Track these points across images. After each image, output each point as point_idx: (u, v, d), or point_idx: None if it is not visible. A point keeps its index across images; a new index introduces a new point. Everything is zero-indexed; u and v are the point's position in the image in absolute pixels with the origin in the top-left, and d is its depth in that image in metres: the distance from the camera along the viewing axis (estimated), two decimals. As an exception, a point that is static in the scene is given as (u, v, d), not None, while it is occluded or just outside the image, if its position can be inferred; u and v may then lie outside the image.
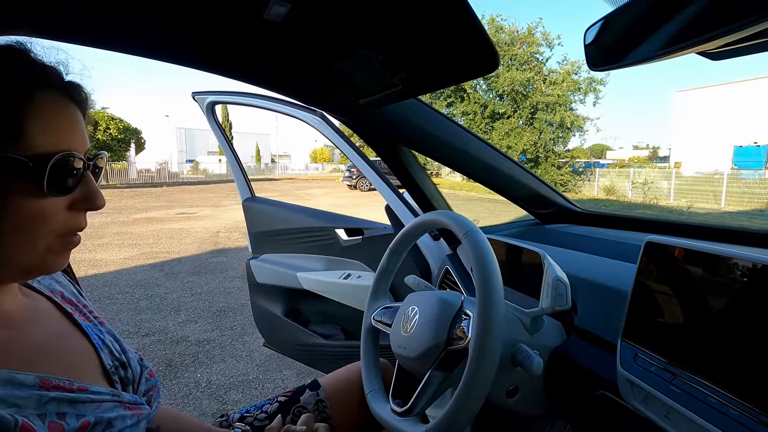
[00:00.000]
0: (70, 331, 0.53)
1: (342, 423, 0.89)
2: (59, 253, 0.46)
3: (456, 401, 0.60)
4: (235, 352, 2.62)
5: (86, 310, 0.59)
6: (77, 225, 0.47)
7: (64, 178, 0.43)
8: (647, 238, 0.63)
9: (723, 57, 0.49)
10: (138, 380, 0.57)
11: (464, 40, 0.56)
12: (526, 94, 16.65)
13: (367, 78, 0.76)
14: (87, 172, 0.47)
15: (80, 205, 0.46)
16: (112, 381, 0.53)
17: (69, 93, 0.46)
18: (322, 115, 1.46)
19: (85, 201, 0.46)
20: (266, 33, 0.67)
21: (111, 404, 0.49)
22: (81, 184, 0.46)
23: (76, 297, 0.60)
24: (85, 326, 0.55)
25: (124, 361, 0.57)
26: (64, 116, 0.45)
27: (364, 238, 1.62)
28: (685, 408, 0.52)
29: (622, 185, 16.07)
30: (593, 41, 0.53)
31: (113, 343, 0.58)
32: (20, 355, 0.44)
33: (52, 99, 0.44)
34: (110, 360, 0.55)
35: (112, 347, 0.57)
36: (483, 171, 1.18)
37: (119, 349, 0.58)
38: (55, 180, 0.42)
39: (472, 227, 0.69)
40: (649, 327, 0.61)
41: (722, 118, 20.56)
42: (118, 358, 0.56)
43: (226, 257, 5.23)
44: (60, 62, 0.47)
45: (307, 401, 0.89)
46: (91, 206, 0.47)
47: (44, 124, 0.42)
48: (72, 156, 0.44)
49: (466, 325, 0.68)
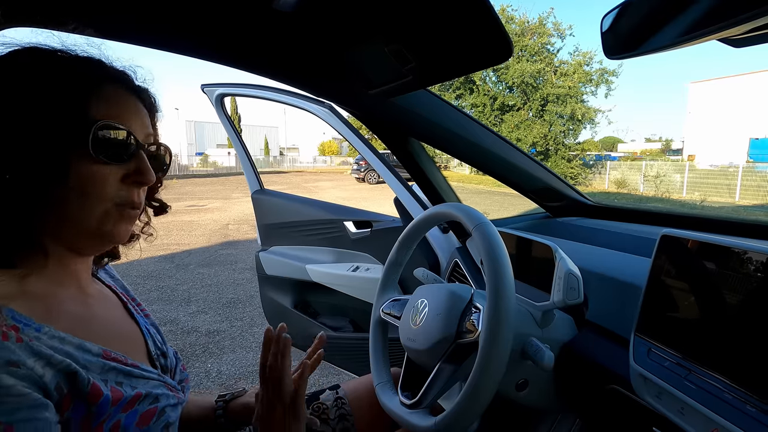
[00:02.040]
0: (125, 318, 0.60)
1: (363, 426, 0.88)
2: (116, 222, 0.51)
3: (465, 394, 0.60)
4: (244, 343, 2.65)
5: (134, 303, 0.65)
6: (130, 197, 0.51)
7: (112, 146, 0.48)
8: (663, 231, 0.62)
9: (746, 44, 0.48)
10: (174, 370, 0.63)
11: (476, 28, 0.55)
12: (537, 86, 16.43)
13: (378, 68, 0.75)
14: (141, 151, 0.52)
15: (132, 178, 0.51)
16: (155, 366, 0.59)
17: (137, 93, 0.53)
18: (331, 107, 1.46)
19: (136, 174, 0.51)
20: (276, 23, 0.67)
21: (157, 383, 0.54)
22: (134, 159, 0.51)
23: (126, 291, 0.66)
24: (136, 317, 0.62)
25: (165, 351, 0.62)
26: (128, 105, 0.51)
27: (373, 230, 1.61)
28: (699, 404, 0.51)
29: (633, 178, 15.85)
30: (610, 28, 0.52)
31: (156, 334, 0.63)
32: (89, 328, 0.50)
33: (121, 93, 0.51)
34: (154, 348, 0.60)
35: (155, 338, 0.62)
36: (493, 163, 1.17)
37: (160, 340, 0.63)
38: (101, 145, 0.47)
39: (483, 219, 0.68)
40: (663, 321, 0.60)
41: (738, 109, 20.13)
42: (160, 348, 0.62)
43: (236, 249, 5.28)
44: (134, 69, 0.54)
45: (326, 398, 0.89)
46: (142, 179, 0.51)
47: (107, 106, 0.48)
48: (119, 127, 0.49)
49: (476, 319, 0.68)
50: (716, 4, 0.39)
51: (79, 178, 0.47)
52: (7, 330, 0.40)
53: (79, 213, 0.48)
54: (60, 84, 0.46)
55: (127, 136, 0.50)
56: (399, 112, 0.97)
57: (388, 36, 0.64)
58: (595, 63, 16.18)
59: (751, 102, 19.59)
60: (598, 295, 0.82)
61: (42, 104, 0.45)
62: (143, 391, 0.50)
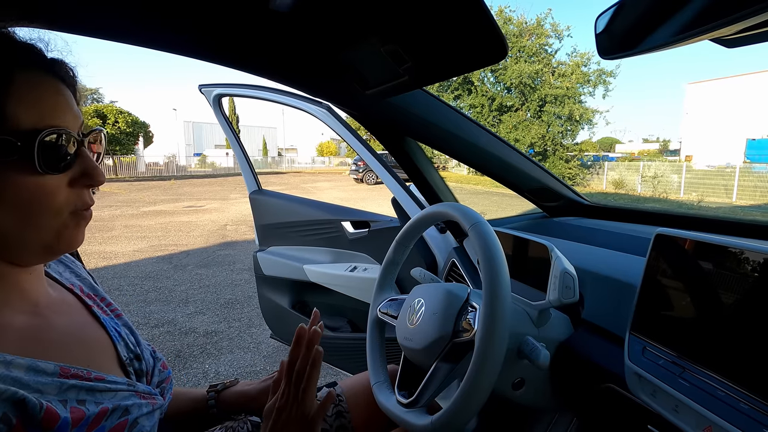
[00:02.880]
0: (89, 323, 0.55)
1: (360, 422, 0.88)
2: (74, 230, 0.47)
3: (461, 393, 0.60)
4: (242, 344, 2.65)
5: (103, 303, 0.60)
6: (83, 202, 0.47)
7: (55, 154, 0.43)
8: (657, 230, 0.62)
9: (738, 44, 0.48)
10: (151, 372, 0.59)
11: (472, 27, 0.55)
12: (535, 87, 16.46)
13: (374, 68, 0.75)
14: (82, 148, 0.46)
15: (81, 182, 0.46)
16: (127, 372, 0.55)
17: (53, 70, 0.45)
18: (329, 107, 1.46)
19: (84, 177, 0.46)
20: (273, 23, 0.67)
21: (126, 393, 0.50)
22: (78, 160, 0.46)
23: (94, 290, 0.61)
24: (103, 319, 0.56)
25: (138, 354, 0.58)
26: (49, 93, 0.44)
27: (371, 230, 1.62)
28: (694, 402, 0.51)
29: (631, 179, 15.89)
30: (605, 29, 0.52)
31: (128, 335, 0.59)
32: (43, 342, 0.46)
33: (35, 78, 0.43)
34: (125, 352, 0.56)
35: (128, 340, 0.58)
36: (490, 163, 1.17)
37: (134, 341, 0.59)
38: (46, 157, 0.42)
39: (479, 219, 0.68)
40: (658, 320, 0.61)
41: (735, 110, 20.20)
42: (132, 351, 0.57)
43: (234, 250, 5.27)
44: (40, 39, 0.46)
45: (323, 396, 0.89)
46: (92, 182, 0.47)
47: (28, 102, 0.41)
48: (60, 131, 0.43)
49: (472, 318, 0.68)
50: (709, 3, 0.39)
51: (20, 197, 0.41)
52: None
53: (29, 232, 0.43)
54: None
55: (67, 137, 0.44)
56: (395, 111, 0.98)
57: (384, 36, 0.64)
58: (592, 64, 16.23)
59: (748, 103, 19.67)
60: (594, 294, 0.82)
61: None
62: (110, 405, 0.46)
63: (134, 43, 0.73)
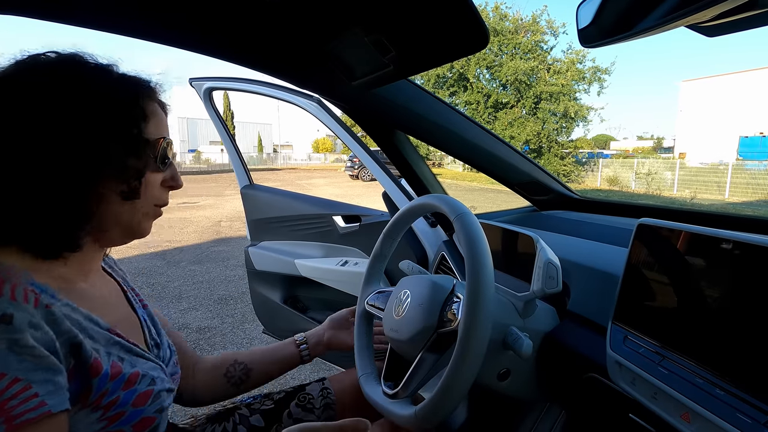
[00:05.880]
0: (126, 305, 0.64)
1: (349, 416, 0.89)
2: (149, 221, 0.60)
3: (444, 383, 0.60)
4: (235, 340, 2.64)
5: (132, 293, 0.68)
6: (165, 199, 0.61)
7: (166, 157, 0.58)
8: (639, 220, 0.63)
9: (717, 32, 0.48)
10: (167, 362, 0.65)
11: (453, 16, 0.55)
12: (530, 84, 16.48)
13: (358, 58, 0.75)
14: (173, 160, 0.61)
15: (168, 183, 0.60)
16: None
17: (162, 105, 0.60)
18: (319, 100, 1.45)
19: (171, 179, 0.60)
20: (260, 13, 0.66)
21: (154, 365, 0.57)
22: (170, 166, 0.60)
23: (125, 283, 0.69)
24: (135, 305, 0.66)
25: (159, 342, 0.65)
26: (163, 118, 0.59)
27: (362, 224, 1.61)
28: (672, 389, 0.52)
29: (625, 176, 15.98)
30: (584, 18, 0.52)
31: (152, 326, 0.67)
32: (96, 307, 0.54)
33: (155, 104, 0.58)
34: (150, 337, 0.63)
35: (150, 329, 0.65)
36: (479, 156, 1.17)
37: (155, 331, 0.66)
38: (162, 158, 0.57)
39: (463, 210, 0.68)
40: (639, 309, 0.61)
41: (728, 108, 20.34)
42: (154, 338, 0.65)
43: (228, 246, 5.25)
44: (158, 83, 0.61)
45: (312, 389, 0.90)
46: (175, 185, 0.61)
47: (156, 119, 0.57)
48: (171, 142, 0.59)
49: (456, 308, 0.68)
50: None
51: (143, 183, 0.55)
52: (28, 292, 0.44)
53: (129, 216, 0.56)
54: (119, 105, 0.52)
55: (171, 146, 0.59)
56: (382, 103, 0.97)
57: (368, 25, 0.64)
58: (588, 61, 16.30)
59: (741, 100, 19.81)
60: (580, 285, 0.83)
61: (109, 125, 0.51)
62: (141, 371, 0.53)
63: (125, 34, 0.73)
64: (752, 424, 0.43)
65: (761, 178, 12.66)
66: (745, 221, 0.87)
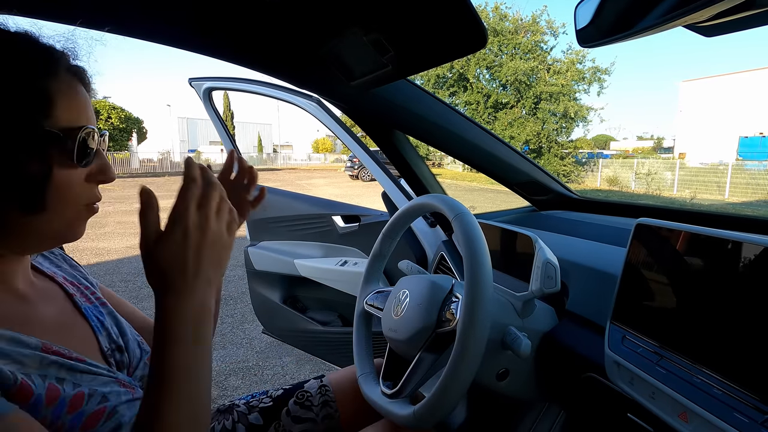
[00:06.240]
0: (71, 312, 0.56)
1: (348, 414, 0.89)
2: (82, 222, 0.50)
3: (443, 382, 0.60)
4: (235, 339, 2.64)
5: (88, 292, 0.60)
6: (95, 196, 0.50)
7: (87, 150, 0.47)
8: (638, 220, 0.63)
9: (715, 32, 0.48)
10: (136, 364, 0.58)
11: (451, 16, 0.55)
12: (530, 84, 16.47)
13: (357, 58, 0.75)
14: (100, 149, 0.50)
15: (95, 177, 0.50)
16: (108, 363, 0.54)
17: (79, 76, 0.49)
18: (319, 100, 1.45)
19: (99, 173, 0.50)
20: (258, 12, 0.67)
21: (106, 379, 0.50)
22: (96, 157, 0.49)
23: (77, 279, 0.61)
24: (85, 308, 0.57)
25: (121, 345, 0.57)
26: (80, 95, 0.48)
27: (361, 224, 1.62)
28: (670, 388, 0.52)
29: (625, 176, 15.98)
30: (582, 18, 0.52)
31: (113, 326, 0.58)
32: (27, 324, 0.47)
33: (69, 79, 0.47)
34: (107, 343, 0.55)
35: (111, 330, 0.57)
36: (479, 156, 1.17)
37: (117, 332, 0.58)
38: (81, 152, 0.46)
39: (462, 210, 0.68)
40: (637, 309, 0.61)
41: (728, 108, 20.33)
42: (115, 341, 0.57)
43: (228, 246, 5.24)
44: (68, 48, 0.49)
45: (310, 387, 0.90)
46: (106, 178, 0.51)
47: (67, 100, 0.45)
48: (92, 130, 0.47)
49: (455, 308, 0.68)
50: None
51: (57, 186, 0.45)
52: None
53: (47, 226, 0.46)
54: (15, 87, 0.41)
55: (93, 134, 0.48)
56: (381, 103, 0.97)
57: (367, 25, 0.64)
58: (587, 61, 16.30)
59: (741, 100, 19.80)
60: (579, 285, 0.83)
61: None
62: (86, 390, 0.46)
63: (124, 34, 0.73)
64: (750, 423, 0.43)
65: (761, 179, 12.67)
66: (744, 221, 0.87)
